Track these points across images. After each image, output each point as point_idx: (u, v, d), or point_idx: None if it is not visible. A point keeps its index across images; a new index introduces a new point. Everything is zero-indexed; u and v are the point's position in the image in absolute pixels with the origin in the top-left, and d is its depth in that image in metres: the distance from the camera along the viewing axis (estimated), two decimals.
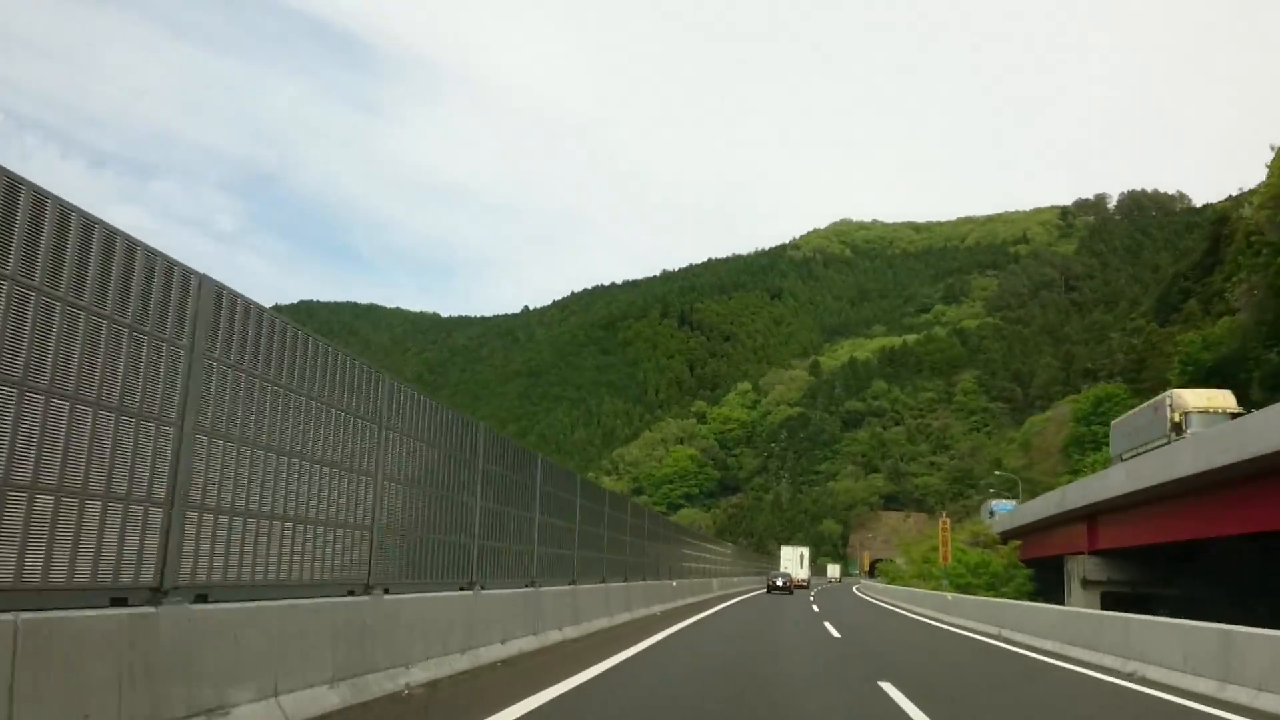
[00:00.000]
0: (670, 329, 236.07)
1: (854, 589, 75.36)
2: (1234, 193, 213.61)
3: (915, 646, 19.14)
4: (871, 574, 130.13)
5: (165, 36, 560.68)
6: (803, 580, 69.71)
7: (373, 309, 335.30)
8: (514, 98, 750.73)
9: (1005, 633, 21.08)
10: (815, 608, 34.42)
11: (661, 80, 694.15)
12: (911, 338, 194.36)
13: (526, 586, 12.47)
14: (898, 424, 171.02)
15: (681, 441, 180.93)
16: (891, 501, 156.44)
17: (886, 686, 10.50)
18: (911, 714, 8.59)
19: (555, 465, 15.39)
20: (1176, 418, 33.87)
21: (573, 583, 15.55)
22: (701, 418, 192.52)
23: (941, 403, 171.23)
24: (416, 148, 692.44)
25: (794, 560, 72.70)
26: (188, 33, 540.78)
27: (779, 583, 55.07)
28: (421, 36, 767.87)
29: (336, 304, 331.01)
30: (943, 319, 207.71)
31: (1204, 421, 31.67)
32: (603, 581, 18.14)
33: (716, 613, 27.36)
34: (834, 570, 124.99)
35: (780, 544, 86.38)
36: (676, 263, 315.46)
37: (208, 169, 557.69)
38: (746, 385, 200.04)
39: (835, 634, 20.54)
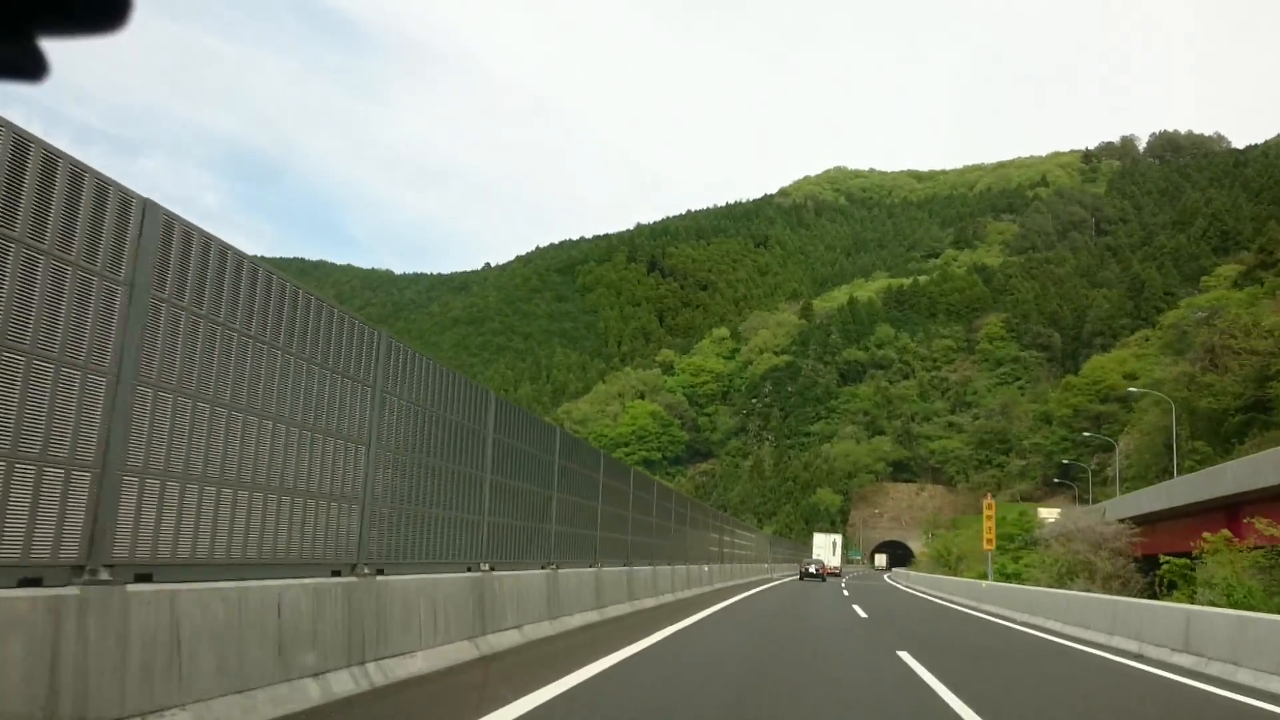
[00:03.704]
0: (638, 274, 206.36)
1: (888, 578, 68.73)
2: None
3: None
4: (898, 561, 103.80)
5: (154, 13, 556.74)
6: (835, 568, 71.88)
7: (321, 265, 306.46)
8: (493, 67, 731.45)
9: None
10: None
11: (645, 35, 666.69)
12: (923, 278, 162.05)
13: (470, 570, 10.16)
14: (907, 377, 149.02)
15: (642, 396, 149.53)
16: (901, 470, 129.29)
17: None
18: None
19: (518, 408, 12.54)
20: None
21: (547, 566, 13.05)
22: (668, 368, 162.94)
23: (961, 352, 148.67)
24: (405, 127, 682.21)
25: (826, 548, 75.50)
26: (177, 9, 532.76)
27: (811, 569, 55.88)
28: (405, 16, 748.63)
29: (283, 259, 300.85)
30: (956, 263, 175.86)
31: None
32: (593, 565, 15.81)
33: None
34: (880, 559, 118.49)
35: (814, 530, 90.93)
36: (654, 217, 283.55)
37: (194, 146, 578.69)
38: (724, 331, 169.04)
39: None
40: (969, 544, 55.43)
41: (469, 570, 9.82)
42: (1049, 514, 54.19)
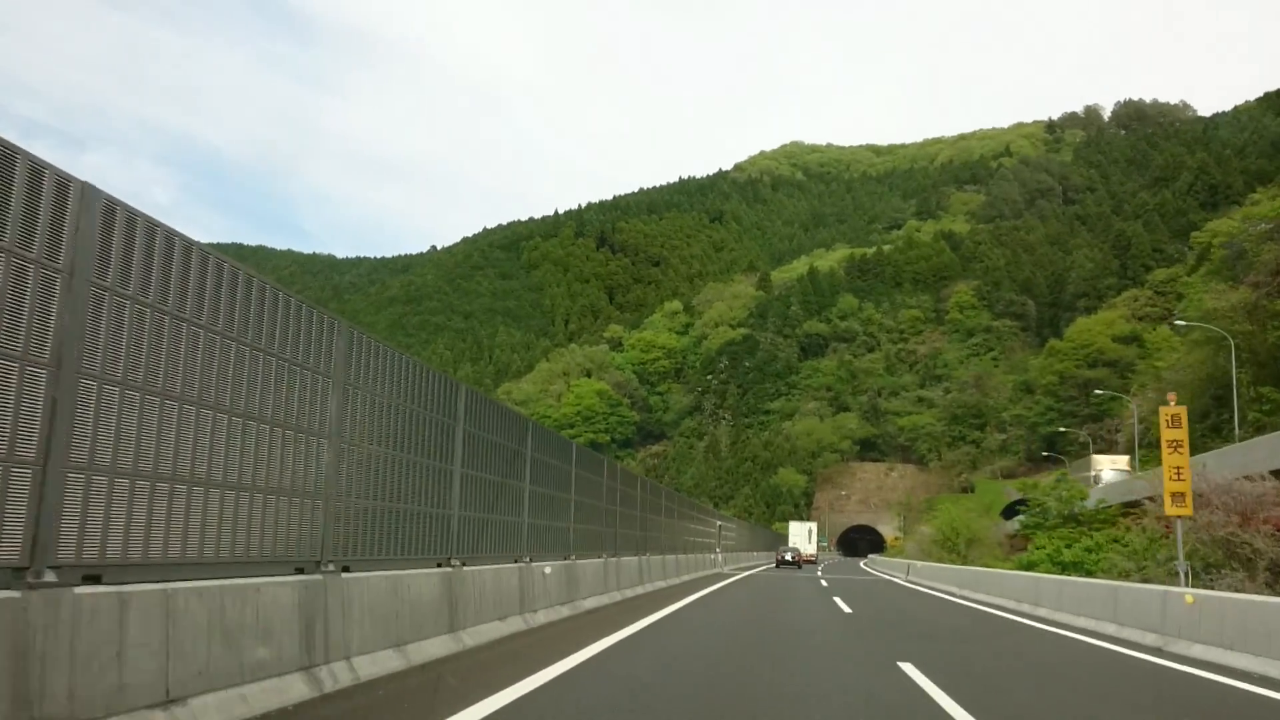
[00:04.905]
0: (586, 250, 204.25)
1: (864, 565, 68.80)
2: (1249, 98, 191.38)
3: None
4: (872, 548, 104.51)
5: (102, 5, 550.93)
6: (811, 555, 74.74)
7: (260, 250, 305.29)
8: (443, 54, 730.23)
9: None
10: None
11: (596, 14, 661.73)
12: (887, 247, 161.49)
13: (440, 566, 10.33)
14: (872, 350, 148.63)
15: (589, 374, 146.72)
16: (869, 449, 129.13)
17: None
18: None
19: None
20: None
21: (519, 560, 13.26)
22: (616, 345, 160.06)
23: (929, 322, 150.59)
24: (356, 116, 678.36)
25: (802, 536, 78.99)
26: (125, 1, 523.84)
27: (788, 557, 59.35)
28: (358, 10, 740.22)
29: (220, 245, 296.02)
30: (920, 232, 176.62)
31: None
32: (568, 558, 16.01)
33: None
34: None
35: (790, 519, 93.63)
36: (606, 196, 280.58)
37: (143, 141, 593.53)
38: (676, 305, 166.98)
39: None
40: (979, 524, 50.33)
41: (439, 566, 9.99)
42: (1105, 462, 49.47)
